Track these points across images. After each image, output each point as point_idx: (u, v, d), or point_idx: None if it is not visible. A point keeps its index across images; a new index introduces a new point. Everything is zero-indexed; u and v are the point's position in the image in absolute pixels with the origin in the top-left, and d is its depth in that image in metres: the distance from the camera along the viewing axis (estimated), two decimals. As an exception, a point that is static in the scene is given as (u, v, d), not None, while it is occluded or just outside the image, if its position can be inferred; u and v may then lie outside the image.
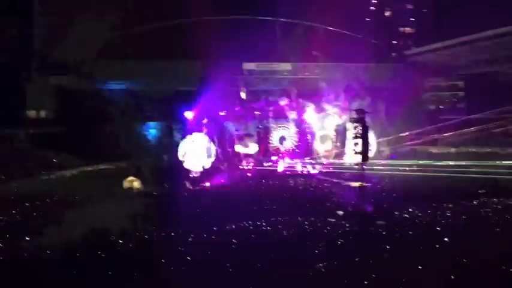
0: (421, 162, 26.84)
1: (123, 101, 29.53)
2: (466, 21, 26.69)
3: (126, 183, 24.97)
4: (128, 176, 25.71)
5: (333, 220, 16.52)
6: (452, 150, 29.87)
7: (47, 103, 30.75)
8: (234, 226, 16.00)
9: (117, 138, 28.81)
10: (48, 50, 29.73)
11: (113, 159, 28.15)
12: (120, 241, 14.26)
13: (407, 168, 25.89)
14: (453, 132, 28.51)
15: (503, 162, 24.44)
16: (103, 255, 12.70)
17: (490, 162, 24.14)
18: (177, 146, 27.86)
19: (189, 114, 28.44)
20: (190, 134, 28.02)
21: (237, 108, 30.58)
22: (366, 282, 10.56)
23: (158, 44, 29.40)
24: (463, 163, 24.93)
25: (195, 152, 27.54)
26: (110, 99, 29.39)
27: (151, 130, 30.41)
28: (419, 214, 16.95)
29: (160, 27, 29.91)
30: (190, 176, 26.80)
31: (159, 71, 29.49)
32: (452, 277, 10.68)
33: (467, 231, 14.58)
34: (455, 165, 24.68)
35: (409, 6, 32.48)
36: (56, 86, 29.45)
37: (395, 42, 31.75)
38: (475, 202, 18.64)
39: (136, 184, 25.09)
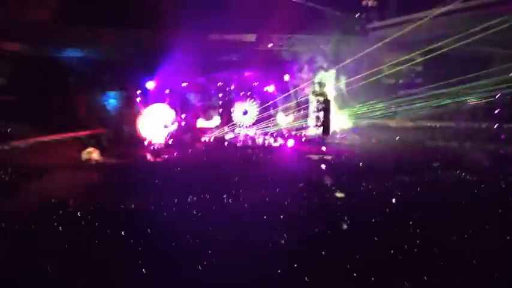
0: (379, 135, 27.41)
1: (81, 69, 28.56)
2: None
3: (84, 155, 24.51)
4: (86, 147, 25.21)
5: (293, 192, 16.75)
6: (410, 124, 30.57)
7: (-3, 71, 29.44)
8: (195, 198, 15.98)
9: (75, 108, 27.97)
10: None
11: (71, 129, 27.36)
12: (78, 214, 14.04)
13: (365, 141, 26.41)
14: (411, 106, 29.11)
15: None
16: (60, 228, 12.50)
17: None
18: (138, 116, 27.37)
19: (150, 84, 27.87)
20: (152, 104, 27.55)
21: (199, 80, 30.09)
22: (323, 253, 10.77)
23: (119, 11, 28.35)
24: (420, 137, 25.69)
25: (156, 123, 27.17)
26: (66, 68, 28.38)
27: (111, 100, 29.61)
28: (377, 186, 17.36)
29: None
30: (151, 147, 26.49)
31: (119, 39, 28.56)
32: (406, 246, 11.03)
33: (422, 202, 15.04)
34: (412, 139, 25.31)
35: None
36: (6, 53, 28.13)
37: (358, 15, 31.66)
38: (430, 174, 19.24)
39: (95, 155, 24.66)
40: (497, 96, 26.71)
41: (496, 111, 27.03)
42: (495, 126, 26.67)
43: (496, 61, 27.52)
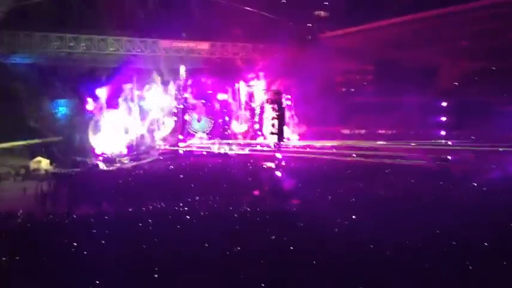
0: (333, 143, 27.97)
1: (30, 76, 27.70)
2: (377, 8, 27.79)
3: (33, 164, 23.80)
4: (34, 156, 24.47)
5: (248, 200, 16.83)
6: (362, 131, 31.38)
7: None
8: (150, 207, 15.81)
9: (23, 116, 27.05)
10: None
11: (19, 138, 26.44)
12: (28, 224, 13.61)
13: (319, 149, 26.91)
14: (362, 115, 29.94)
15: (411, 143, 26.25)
16: (8, 239, 12.07)
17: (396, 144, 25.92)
18: (90, 124, 26.77)
19: (101, 92, 27.33)
20: (103, 112, 27.02)
21: (153, 88, 29.74)
22: (280, 259, 10.84)
23: (70, 17, 27.73)
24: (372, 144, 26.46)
25: (108, 131, 26.65)
26: (15, 74, 27.47)
27: (61, 108, 28.82)
28: (328, 193, 17.68)
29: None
30: (103, 155, 25.94)
31: (69, 45, 27.89)
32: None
33: (374, 208, 15.41)
34: (365, 147, 25.94)
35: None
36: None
37: (311, 25, 32.33)
38: (380, 181, 19.80)
39: (44, 164, 23.99)
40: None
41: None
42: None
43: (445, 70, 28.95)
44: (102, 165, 24.87)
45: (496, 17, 23.10)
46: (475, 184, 18.49)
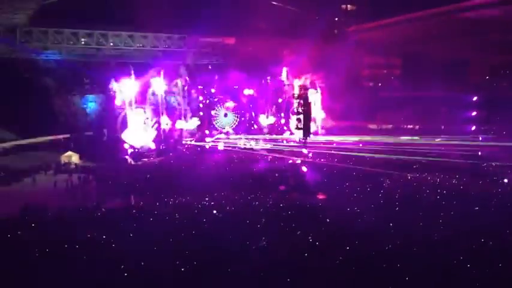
0: (358, 138, 27.72)
1: (59, 72, 28.27)
2: (403, 1, 27.35)
3: (64, 158, 24.33)
4: (66, 150, 25.05)
5: (275, 195, 16.88)
6: (389, 126, 30.98)
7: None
8: (176, 201, 16.01)
9: (53, 111, 27.67)
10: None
11: (50, 132, 27.10)
12: (59, 215, 13.98)
13: (345, 145, 26.68)
14: (389, 110, 29.59)
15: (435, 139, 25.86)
16: (41, 230, 12.45)
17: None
18: (118, 120, 27.15)
19: (129, 87, 27.65)
20: (131, 107, 27.35)
21: (181, 83, 29.99)
22: (306, 255, 10.89)
23: (99, 14, 28.14)
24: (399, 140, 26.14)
25: (136, 126, 26.98)
26: (46, 70, 28.06)
27: (90, 103, 29.35)
28: (356, 189, 17.56)
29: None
30: (131, 150, 26.30)
31: (98, 41, 28.33)
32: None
33: (396, 204, 15.28)
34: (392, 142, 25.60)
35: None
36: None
37: (337, 19, 32.03)
38: (408, 177, 19.54)
39: (75, 159, 24.50)
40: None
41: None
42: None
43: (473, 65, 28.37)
44: (130, 160, 25.22)
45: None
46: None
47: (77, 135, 27.67)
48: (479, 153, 22.76)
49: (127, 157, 25.61)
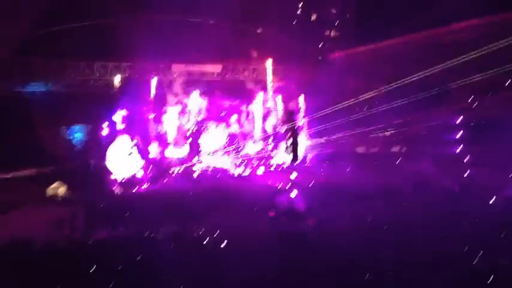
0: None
1: (45, 103, 28.15)
2: (387, 26, 27.94)
3: (50, 190, 23.98)
4: (52, 182, 24.69)
5: (264, 221, 16.79)
6: (375, 149, 31.18)
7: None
8: (165, 231, 15.83)
9: (40, 142, 27.39)
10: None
11: (36, 165, 26.74)
12: (46, 250, 13.71)
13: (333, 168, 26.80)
14: (376, 134, 29.82)
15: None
16: (27, 264, 12.16)
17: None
18: (104, 150, 26.99)
19: (116, 117, 27.61)
20: (118, 137, 27.26)
21: (167, 111, 30.06)
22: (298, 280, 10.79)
23: (83, 44, 28.28)
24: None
25: (124, 156, 26.83)
26: (30, 102, 27.94)
27: (76, 134, 29.18)
28: (347, 212, 17.56)
29: (85, 26, 28.77)
30: (119, 181, 26.09)
31: (83, 72, 28.44)
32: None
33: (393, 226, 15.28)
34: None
35: (334, 11, 33.42)
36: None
37: (321, 45, 32.58)
38: (400, 199, 19.62)
39: (61, 191, 24.16)
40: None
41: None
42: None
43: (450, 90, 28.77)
44: (118, 190, 25.00)
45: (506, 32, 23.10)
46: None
47: (62, 167, 27.33)
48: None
49: (114, 187, 25.39)
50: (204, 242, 14.12)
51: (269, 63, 31.02)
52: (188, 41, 29.07)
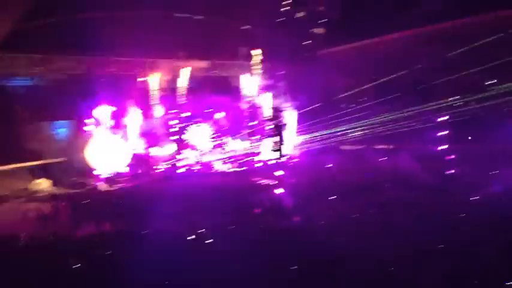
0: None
1: (29, 98, 27.81)
2: (374, 23, 28.13)
3: (33, 185, 23.75)
4: (35, 177, 24.47)
5: (249, 218, 16.78)
6: (361, 147, 31.40)
7: None
8: (151, 228, 15.73)
9: (23, 138, 27.07)
10: None
11: (19, 160, 26.43)
12: (30, 245, 13.57)
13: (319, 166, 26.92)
14: (362, 131, 30.00)
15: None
16: (10, 262, 11.99)
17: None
18: (88, 145, 26.77)
19: (101, 112, 27.39)
20: (102, 133, 27.06)
21: (153, 107, 29.90)
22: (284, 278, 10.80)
23: (67, 38, 27.98)
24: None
25: (108, 152, 26.66)
26: (14, 96, 27.58)
27: (61, 129, 28.89)
28: (333, 209, 17.64)
29: (70, 19, 28.47)
30: (103, 176, 25.92)
31: (68, 66, 28.17)
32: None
33: (375, 223, 15.39)
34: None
35: (321, 8, 33.53)
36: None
37: (309, 42, 32.70)
38: (384, 194, 19.77)
39: (45, 186, 23.96)
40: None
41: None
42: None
43: (439, 85, 29.03)
44: (102, 186, 24.82)
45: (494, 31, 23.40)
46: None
47: (47, 162, 27.09)
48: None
49: (99, 183, 25.21)
50: (189, 238, 14.05)
51: (256, 59, 31.00)
52: (175, 37, 28.98)
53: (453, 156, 26.51)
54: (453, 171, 23.31)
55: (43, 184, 23.91)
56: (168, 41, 28.26)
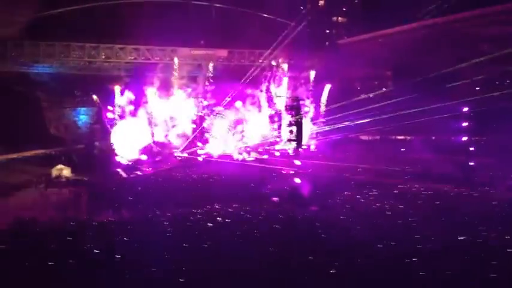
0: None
1: (51, 85, 28.17)
2: (394, 13, 27.67)
3: (55, 171, 24.03)
4: (57, 163, 24.74)
5: (268, 206, 16.77)
6: (378, 137, 31.05)
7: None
8: (169, 214, 15.81)
9: (45, 124, 27.46)
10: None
11: (41, 146, 26.83)
12: (49, 230, 13.74)
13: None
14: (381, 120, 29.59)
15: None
16: (31, 245, 12.19)
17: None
18: (110, 132, 27.02)
19: (121, 100, 27.60)
20: (123, 120, 27.27)
21: (172, 95, 29.97)
22: (297, 267, 10.75)
23: (90, 27, 28.18)
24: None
25: (128, 139, 26.85)
26: (37, 83, 27.94)
27: (82, 116, 29.24)
28: (350, 199, 17.53)
29: (91, 8, 28.65)
30: (123, 164, 26.12)
31: (89, 54, 28.36)
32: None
33: (393, 213, 15.26)
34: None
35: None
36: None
37: (328, 31, 32.31)
38: (399, 186, 19.60)
39: (66, 172, 24.20)
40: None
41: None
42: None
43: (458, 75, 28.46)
44: (122, 173, 25.01)
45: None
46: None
47: (68, 149, 27.42)
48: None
49: (119, 170, 25.41)
50: (208, 225, 14.09)
51: (276, 48, 30.75)
52: (195, 25, 28.94)
53: (473, 149, 26.09)
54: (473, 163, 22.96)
55: (64, 170, 24.17)
56: (188, 29, 28.21)
